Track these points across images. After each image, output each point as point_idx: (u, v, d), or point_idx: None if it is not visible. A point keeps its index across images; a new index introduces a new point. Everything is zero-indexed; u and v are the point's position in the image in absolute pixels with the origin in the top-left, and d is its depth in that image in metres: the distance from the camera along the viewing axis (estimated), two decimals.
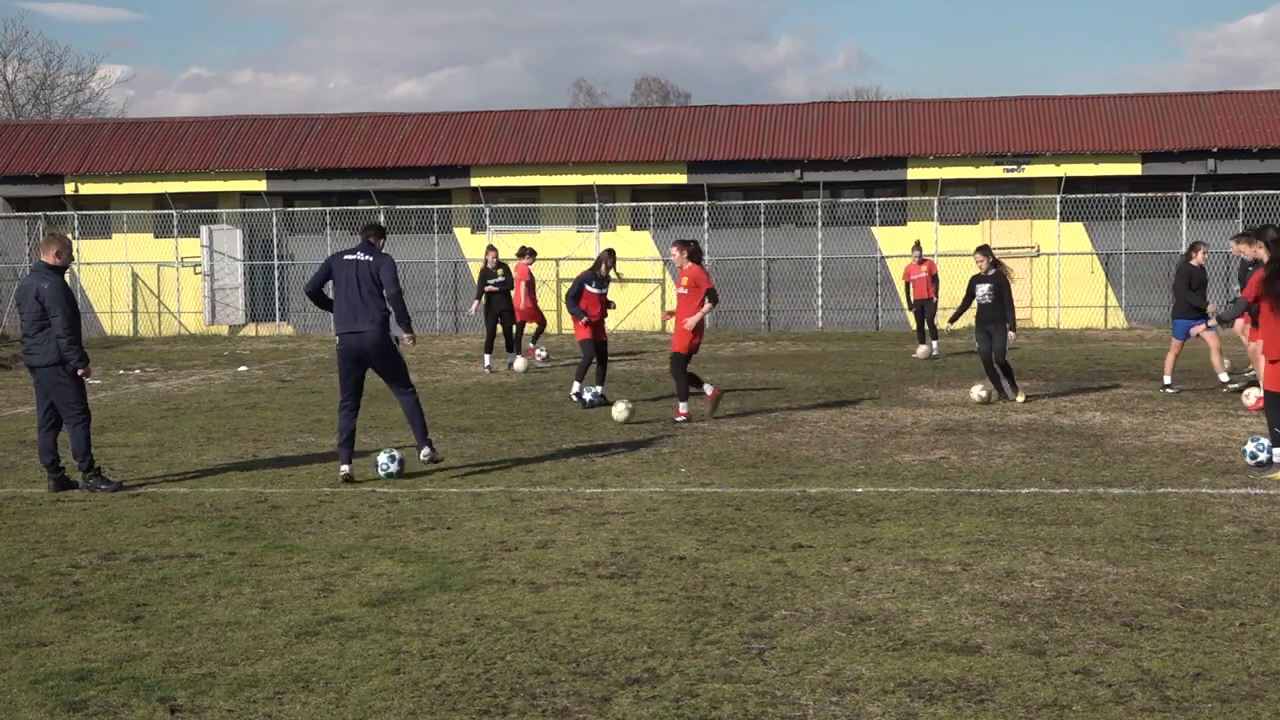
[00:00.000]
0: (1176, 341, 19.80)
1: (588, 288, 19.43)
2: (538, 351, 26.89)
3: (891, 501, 11.67)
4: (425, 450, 13.64)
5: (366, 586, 8.98)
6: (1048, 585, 8.72)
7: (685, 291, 17.13)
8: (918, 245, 27.49)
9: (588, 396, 18.90)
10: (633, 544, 10.14)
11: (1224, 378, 19.77)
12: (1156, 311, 34.98)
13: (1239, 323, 19.43)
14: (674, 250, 17.42)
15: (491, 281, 24.91)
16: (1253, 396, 17.22)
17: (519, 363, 24.75)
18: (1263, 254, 13.26)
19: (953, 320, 20.23)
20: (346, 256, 13.53)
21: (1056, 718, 6.34)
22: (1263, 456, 12.96)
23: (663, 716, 6.44)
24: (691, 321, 16.98)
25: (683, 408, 17.12)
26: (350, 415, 13.29)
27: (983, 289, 19.02)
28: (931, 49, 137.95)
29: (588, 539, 10.35)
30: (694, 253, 17.19)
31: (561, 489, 12.59)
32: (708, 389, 17.53)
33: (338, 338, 13.40)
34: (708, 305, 17.00)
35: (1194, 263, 19.50)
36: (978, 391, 18.66)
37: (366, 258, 13.45)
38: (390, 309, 13.38)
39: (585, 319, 19.13)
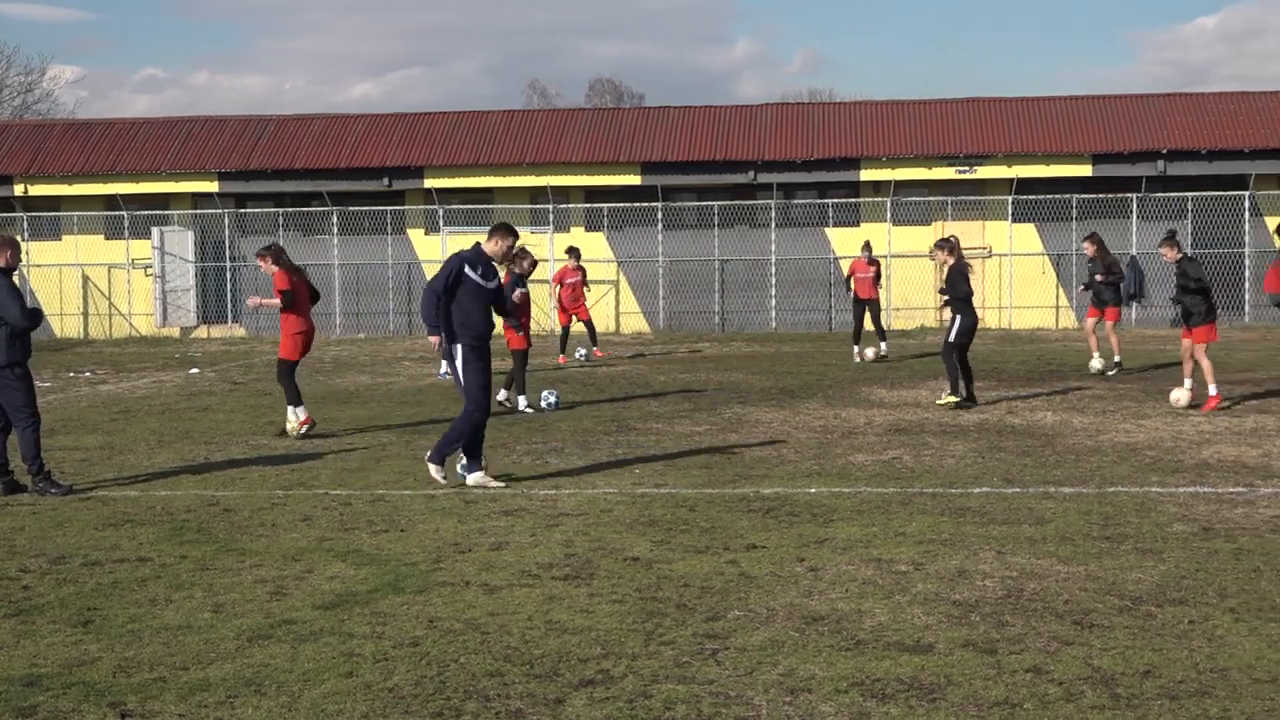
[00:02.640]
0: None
1: (519, 290, 19.25)
2: (580, 352, 27.08)
3: (845, 502, 11.71)
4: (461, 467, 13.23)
5: (319, 589, 8.95)
6: (999, 584, 8.77)
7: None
8: (867, 245, 27.45)
9: (551, 400, 18.74)
10: (586, 545, 10.14)
11: (1096, 364, 22.19)
12: None
13: (1089, 321, 22.67)
14: (259, 261, 16.95)
15: None
16: (1184, 399, 17.50)
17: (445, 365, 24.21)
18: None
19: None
20: None
21: (1008, 716, 6.37)
22: None
23: (616, 718, 6.44)
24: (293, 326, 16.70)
25: (301, 413, 16.61)
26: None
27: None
28: (886, 51, 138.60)
29: (541, 540, 10.34)
30: (277, 257, 16.77)
31: (515, 490, 12.57)
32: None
33: None
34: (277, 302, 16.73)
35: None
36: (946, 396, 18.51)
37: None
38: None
39: (519, 328, 18.94)
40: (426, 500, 12.15)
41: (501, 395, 18.79)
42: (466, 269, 12.71)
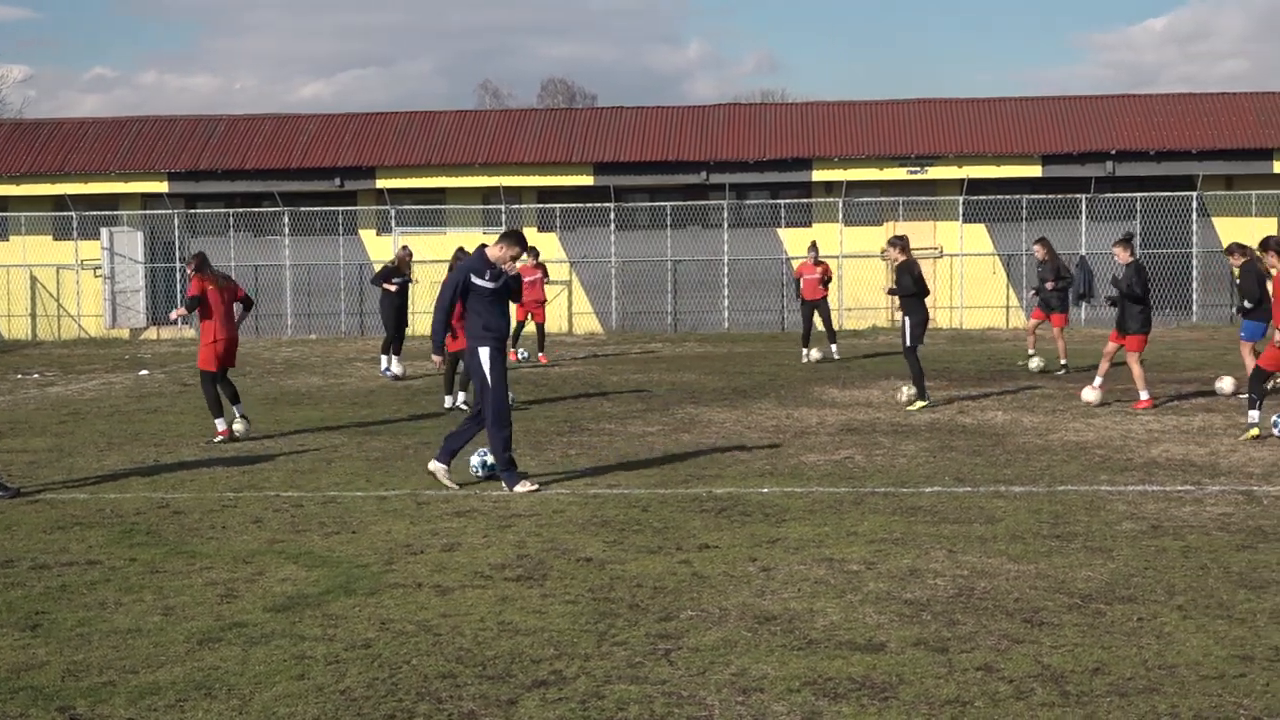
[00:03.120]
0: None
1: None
2: (523, 352, 27.10)
3: (797, 501, 11.74)
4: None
5: (270, 592, 8.91)
6: (950, 583, 8.81)
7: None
8: (814, 246, 27.44)
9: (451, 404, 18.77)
10: (539, 546, 10.13)
11: (1035, 364, 22.75)
12: None
13: (1031, 321, 23.17)
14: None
15: (396, 279, 24.13)
16: (1094, 398, 17.77)
17: (397, 367, 24.07)
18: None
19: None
20: None
21: (959, 714, 6.41)
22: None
23: (569, 718, 6.44)
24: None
25: (220, 424, 16.47)
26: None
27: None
28: (838, 52, 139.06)
29: (494, 541, 10.33)
30: (197, 265, 16.69)
31: (468, 491, 12.55)
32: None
33: None
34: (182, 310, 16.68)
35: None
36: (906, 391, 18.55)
37: None
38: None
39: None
40: (378, 502, 12.11)
41: (461, 398, 18.73)
42: (473, 278, 12.61)
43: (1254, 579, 8.79)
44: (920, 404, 18.14)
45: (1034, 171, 36.85)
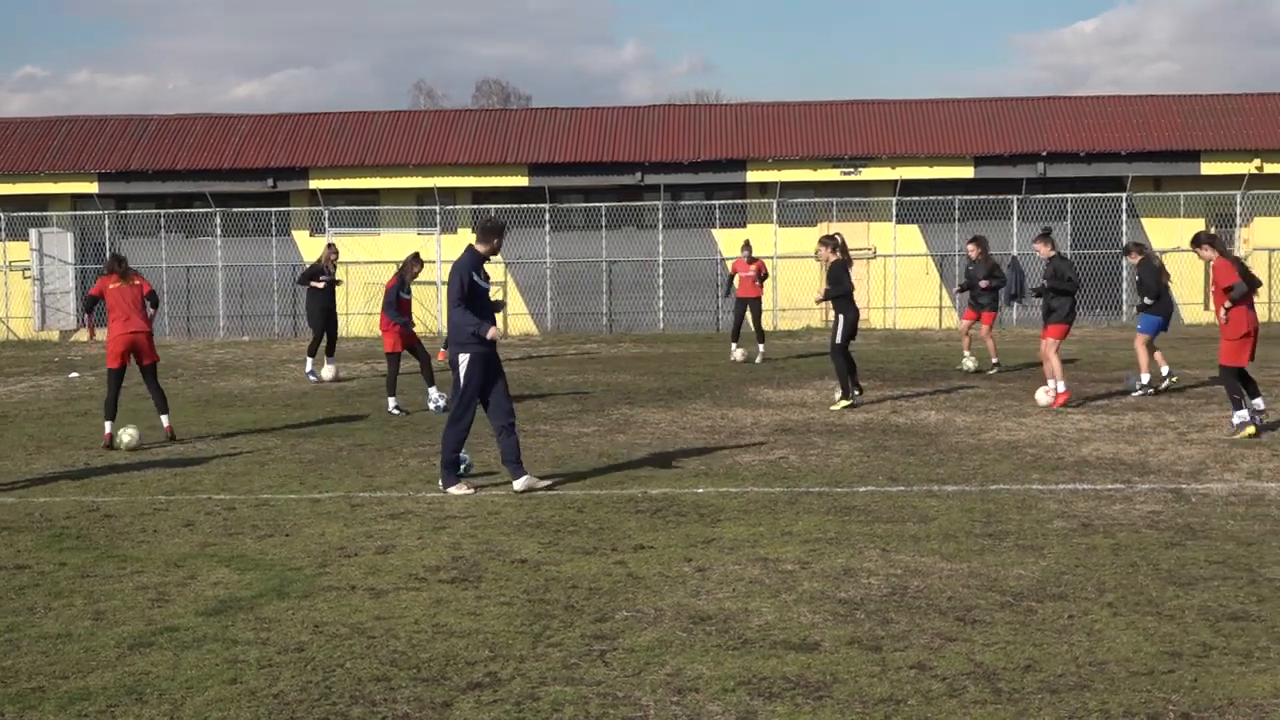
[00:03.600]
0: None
1: (402, 294, 19.17)
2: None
3: (732, 501, 11.78)
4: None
5: (202, 595, 8.84)
6: (884, 582, 8.86)
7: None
8: (747, 244, 27.49)
9: (442, 404, 18.47)
10: (474, 548, 10.12)
11: (968, 364, 22.86)
12: None
13: (964, 322, 23.40)
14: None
15: (322, 278, 23.71)
16: (1049, 396, 17.86)
17: (328, 370, 23.76)
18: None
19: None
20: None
21: (892, 712, 6.45)
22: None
23: None
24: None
25: (107, 426, 16.25)
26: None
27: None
28: (773, 53, 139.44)
29: (429, 543, 10.30)
30: (107, 266, 16.69)
31: (402, 493, 12.51)
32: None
33: None
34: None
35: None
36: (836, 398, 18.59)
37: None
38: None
39: (410, 324, 18.99)
40: (312, 504, 12.05)
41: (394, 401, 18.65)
42: (475, 277, 12.53)
43: (1182, 576, 8.90)
44: (845, 403, 18.21)
45: (966, 173, 37.10)
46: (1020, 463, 13.65)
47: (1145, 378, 19.09)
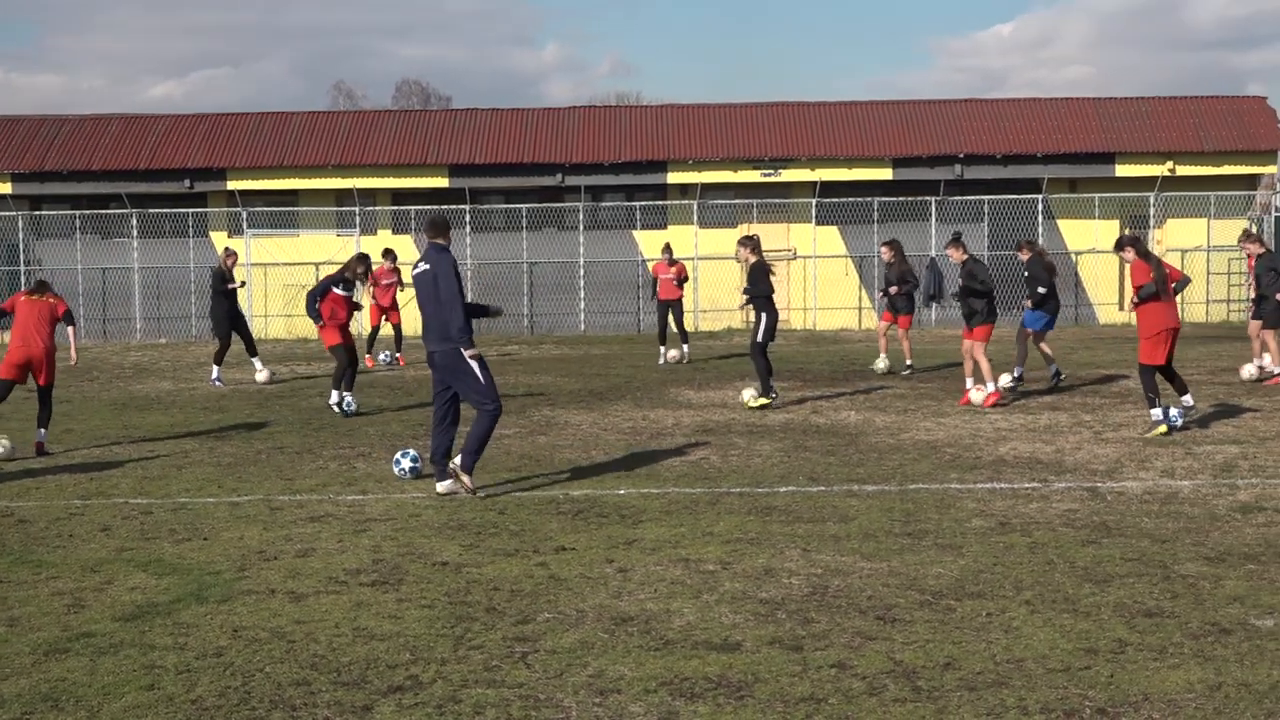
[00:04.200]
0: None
1: (335, 290, 19.05)
2: (384, 355, 26.95)
3: (653, 502, 11.80)
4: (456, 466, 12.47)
5: (119, 601, 8.75)
6: (805, 581, 8.91)
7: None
8: (668, 247, 27.61)
9: (350, 407, 18.38)
10: (395, 550, 10.07)
11: (881, 365, 22.96)
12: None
13: (881, 324, 23.43)
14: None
15: (230, 285, 23.57)
16: (982, 395, 18.06)
17: (262, 374, 23.61)
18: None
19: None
20: (415, 270, 12.50)
21: (813, 711, 6.49)
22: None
23: None
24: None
25: None
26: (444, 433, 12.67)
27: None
28: (693, 55, 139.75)
29: (349, 546, 10.24)
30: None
31: (322, 496, 12.43)
32: None
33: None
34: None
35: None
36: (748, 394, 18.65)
37: (426, 266, 12.38)
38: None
39: (322, 323, 18.83)
40: (230, 508, 11.94)
41: (341, 397, 18.49)
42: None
43: (1098, 573, 9.01)
44: (762, 401, 18.29)
45: (885, 174, 37.38)
46: (939, 462, 13.76)
47: (1019, 371, 19.85)
